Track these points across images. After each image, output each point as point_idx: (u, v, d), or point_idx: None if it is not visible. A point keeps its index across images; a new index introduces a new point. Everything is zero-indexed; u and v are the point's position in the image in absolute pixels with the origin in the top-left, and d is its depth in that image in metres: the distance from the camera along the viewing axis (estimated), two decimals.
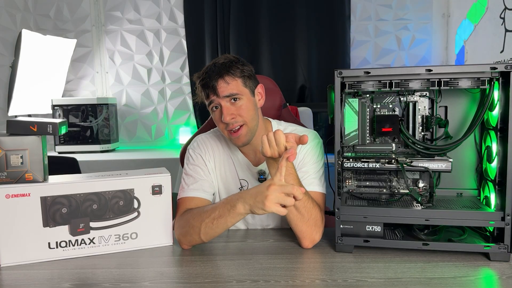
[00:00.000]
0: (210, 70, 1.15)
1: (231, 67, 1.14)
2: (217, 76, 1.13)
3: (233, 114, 1.13)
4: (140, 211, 1.11)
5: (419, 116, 1.10)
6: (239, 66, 1.15)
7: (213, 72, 1.14)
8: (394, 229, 1.09)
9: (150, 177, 1.11)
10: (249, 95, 1.17)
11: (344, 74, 1.00)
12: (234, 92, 1.13)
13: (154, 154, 2.88)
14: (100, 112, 3.01)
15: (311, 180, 1.16)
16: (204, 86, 1.15)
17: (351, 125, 1.13)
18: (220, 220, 0.98)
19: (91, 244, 1.07)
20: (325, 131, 2.77)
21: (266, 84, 1.43)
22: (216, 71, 1.14)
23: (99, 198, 1.07)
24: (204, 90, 1.15)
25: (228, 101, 1.14)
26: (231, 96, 1.13)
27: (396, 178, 1.13)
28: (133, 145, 3.33)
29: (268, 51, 3.06)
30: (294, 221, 1.06)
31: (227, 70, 1.14)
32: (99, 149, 2.99)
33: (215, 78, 1.13)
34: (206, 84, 1.14)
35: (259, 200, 0.90)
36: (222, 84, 1.13)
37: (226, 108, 1.13)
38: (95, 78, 3.31)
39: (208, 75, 1.14)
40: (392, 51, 3.07)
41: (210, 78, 1.13)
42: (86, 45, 3.27)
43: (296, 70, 3.09)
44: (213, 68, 1.15)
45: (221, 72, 1.13)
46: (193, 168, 1.22)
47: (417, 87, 1.00)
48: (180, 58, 3.23)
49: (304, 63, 3.07)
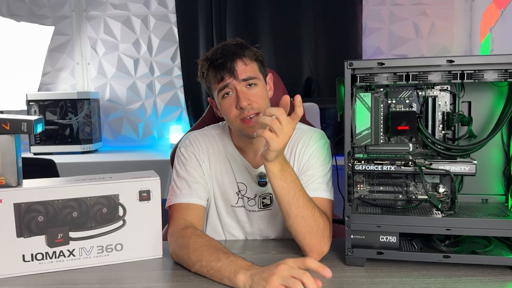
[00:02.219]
0: (225, 50, 1.15)
1: (247, 48, 1.17)
2: (235, 56, 1.14)
3: (249, 100, 1.14)
4: (126, 220, 1.10)
5: (439, 113, 1.10)
6: (253, 49, 1.18)
7: (229, 52, 1.15)
8: (411, 240, 1.09)
9: (137, 182, 1.11)
10: (263, 82, 1.19)
11: (355, 65, 1.00)
12: (252, 75, 1.15)
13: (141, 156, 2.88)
14: (80, 108, 3.01)
15: (317, 185, 1.16)
16: (218, 68, 1.14)
17: (363, 122, 1.13)
18: (216, 275, 0.96)
19: (70, 257, 1.07)
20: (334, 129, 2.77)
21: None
22: (233, 51, 1.15)
23: (79, 205, 1.06)
24: (218, 72, 1.14)
25: (244, 86, 1.14)
26: (248, 80, 1.14)
27: (413, 182, 1.13)
28: (118, 145, 3.33)
29: (270, 40, 3.06)
30: (301, 234, 1.06)
31: (244, 51, 1.16)
32: (79, 150, 2.99)
33: (232, 58, 1.14)
34: (221, 65, 1.14)
35: (264, 277, 0.88)
36: (241, 65, 1.14)
37: (243, 93, 1.13)
38: (75, 70, 3.31)
39: (224, 55, 1.14)
40: (409, 39, 3.07)
41: (226, 58, 1.14)
42: (65, 33, 3.27)
43: (301, 61, 3.09)
44: (227, 48, 1.16)
45: (238, 53, 1.15)
46: (186, 170, 1.22)
47: (437, 80, 1.00)
48: (171, 47, 3.24)
49: (310, 53, 3.07)
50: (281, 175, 1.03)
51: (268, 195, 1.25)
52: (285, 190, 1.04)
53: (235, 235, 1.29)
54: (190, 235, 1.07)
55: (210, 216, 1.29)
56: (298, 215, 1.05)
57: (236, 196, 1.26)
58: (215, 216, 1.29)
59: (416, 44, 3.06)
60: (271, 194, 1.25)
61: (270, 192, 1.25)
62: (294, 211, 1.04)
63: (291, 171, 1.05)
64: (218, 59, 1.14)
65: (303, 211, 1.04)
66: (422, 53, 3.05)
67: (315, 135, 1.24)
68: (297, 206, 1.04)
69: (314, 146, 1.21)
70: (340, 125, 1.05)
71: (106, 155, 3.01)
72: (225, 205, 1.27)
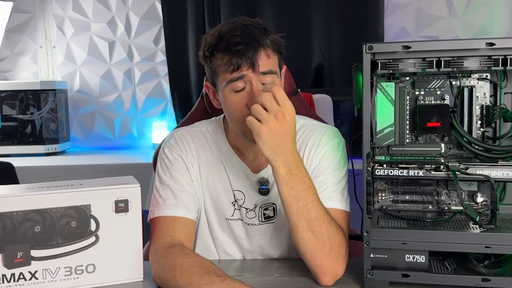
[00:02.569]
0: (246, 34, 1.11)
1: (270, 35, 1.14)
2: (259, 45, 1.11)
3: None
4: (99, 235, 1.10)
5: (477, 107, 1.10)
6: (277, 38, 1.15)
7: (252, 38, 1.11)
8: (443, 260, 1.09)
9: (113, 189, 1.11)
10: (279, 78, 1.18)
11: (376, 49, 1.00)
12: (272, 69, 1.13)
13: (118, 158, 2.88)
14: (44, 101, 3.01)
15: (330, 194, 1.16)
16: (235, 54, 1.10)
17: (385, 118, 1.13)
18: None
19: (32, 280, 1.07)
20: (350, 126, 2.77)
21: None
22: (256, 38, 1.12)
23: (43, 218, 1.06)
24: (234, 59, 1.10)
25: (260, 81, 1.13)
26: (267, 74, 1.13)
27: (445, 190, 1.13)
28: (90, 145, 3.33)
29: (273, 19, 3.06)
30: (311, 252, 1.06)
31: (268, 39, 1.13)
32: (43, 151, 2.99)
33: (255, 47, 1.11)
34: (241, 52, 1.10)
35: None
36: (264, 57, 1.12)
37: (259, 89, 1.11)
38: (38, 55, 3.31)
39: (245, 41, 1.10)
40: (441, 18, 3.07)
41: (248, 45, 1.10)
42: (26, 10, 3.27)
43: (311, 44, 3.09)
44: (249, 32, 1.12)
45: (262, 41, 1.12)
46: (171, 175, 1.22)
47: (475, 67, 1.00)
48: (154, 27, 3.24)
49: (322, 35, 3.07)
50: (290, 180, 1.04)
51: (270, 206, 1.25)
52: (293, 198, 1.04)
53: (230, 254, 1.29)
54: (177, 254, 1.06)
55: (201, 231, 1.29)
56: (308, 229, 1.05)
57: (232, 207, 1.26)
58: (206, 231, 1.29)
59: (449, 24, 3.06)
60: (274, 204, 1.25)
61: (273, 202, 1.25)
62: (303, 224, 1.05)
63: (303, 177, 1.05)
64: (238, 44, 1.10)
65: (315, 225, 1.04)
66: (456, 35, 3.05)
67: (327, 133, 1.24)
68: (307, 218, 1.04)
69: (326, 147, 1.21)
70: (357, 121, 1.05)
71: (75, 157, 3.01)
72: (218, 218, 1.27)
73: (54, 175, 2.60)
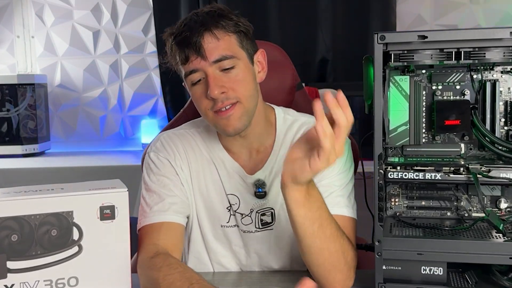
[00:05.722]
0: (192, 20, 1.16)
1: (222, 16, 1.17)
2: (202, 28, 1.14)
3: (223, 86, 1.14)
4: (83, 245, 1.10)
5: (501, 103, 1.10)
6: (232, 17, 1.18)
7: (196, 23, 1.15)
8: (462, 272, 1.09)
9: (98, 194, 1.11)
10: (247, 61, 1.19)
11: (389, 39, 1.00)
12: (227, 53, 1.15)
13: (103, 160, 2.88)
14: (22, 97, 3.01)
15: (336, 199, 1.17)
16: (181, 44, 1.15)
17: (398, 115, 1.13)
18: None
19: None
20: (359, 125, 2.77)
21: (272, 54, 1.43)
22: (201, 21, 1.15)
23: (20, 226, 1.06)
24: (182, 50, 1.16)
25: (218, 69, 1.15)
26: (223, 60, 1.14)
27: (466, 195, 1.13)
28: (72, 145, 3.33)
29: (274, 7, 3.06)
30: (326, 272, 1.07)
31: (216, 21, 1.16)
32: (20, 152, 2.99)
33: (199, 31, 1.14)
34: (185, 40, 1.14)
35: None
36: (210, 40, 1.14)
37: (214, 78, 1.14)
38: (15, 46, 3.31)
39: (189, 27, 1.15)
40: (461, 4, 3.07)
41: (191, 31, 1.14)
42: None
43: (316, 34, 3.09)
44: (195, 18, 1.17)
45: (207, 23, 1.15)
46: (158, 181, 1.23)
47: (498, 59, 1.00)
48: (143, 15, 3.24)
49: (328, 24, 3.07)
50: (306, 202, 1.02)
51: (268, 211, 1.25)
52: (310, 220, 1.03)
53: (226, 266, 1.30)
54: (160, 266, 1.08)
55: (193, 241, 1.29)
56: (324, 249, 1.05)
57: (227, 212, 1.26)
58: (199, 242, 1.29)
59: (470, 11, 3.06)
60: (272, 209, 1.25)
61: (271, 207, 1.25)
62: (318, 245, 1.05)
63: (317, 194, 1.05)
64: (182, 32, 1.15)
65: (329, 244, 1.05)
66: (477, 23, 3.05)
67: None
68: (323, 238, 1.04)
69: None
70: (368, 118, 1.05)
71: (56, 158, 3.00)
72: (212, 225, 1.28)
73: (32, 178, 2.60)
